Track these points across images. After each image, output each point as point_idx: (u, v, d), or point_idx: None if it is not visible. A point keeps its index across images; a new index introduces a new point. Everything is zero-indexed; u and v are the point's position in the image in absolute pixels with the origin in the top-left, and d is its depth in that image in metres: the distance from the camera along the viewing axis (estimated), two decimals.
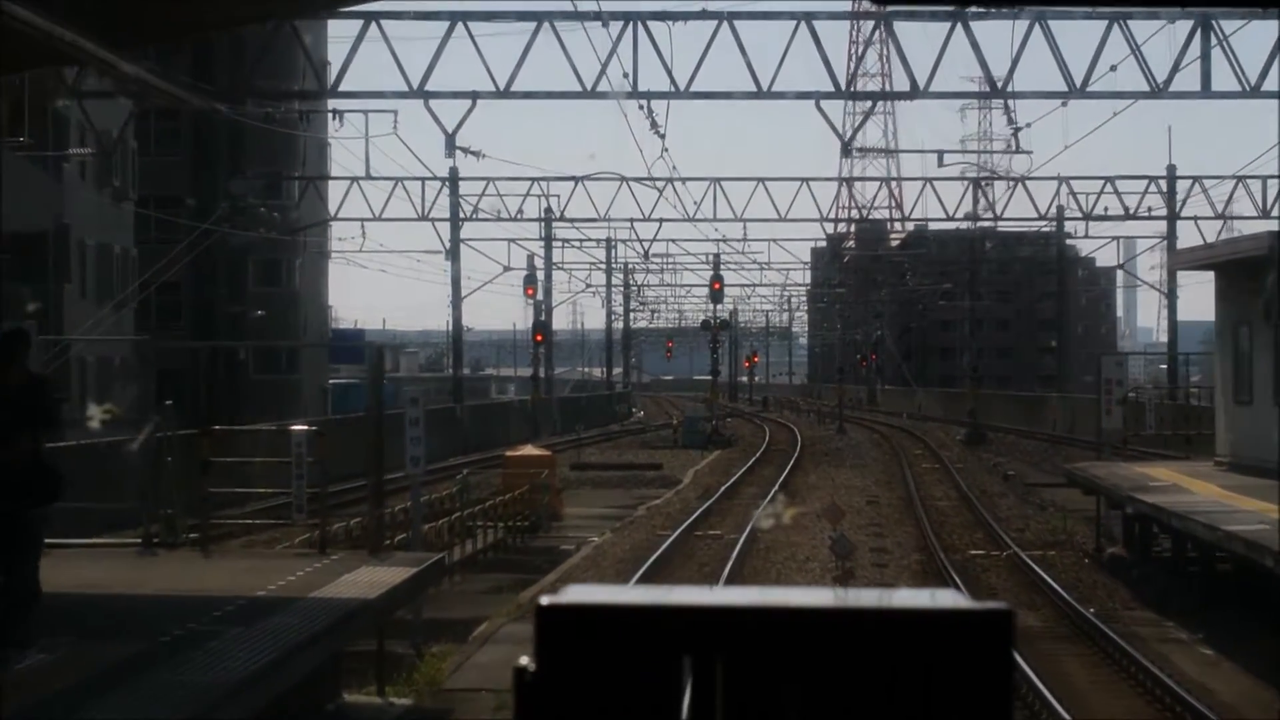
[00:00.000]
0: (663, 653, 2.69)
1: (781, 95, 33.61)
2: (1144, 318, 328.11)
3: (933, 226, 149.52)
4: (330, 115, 61.55)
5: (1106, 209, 66.97)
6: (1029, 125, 43.30)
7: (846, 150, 43.06)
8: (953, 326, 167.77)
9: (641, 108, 34.06)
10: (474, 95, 34.53)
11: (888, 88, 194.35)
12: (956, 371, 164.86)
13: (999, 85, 33.00)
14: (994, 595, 29.90)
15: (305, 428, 22.73)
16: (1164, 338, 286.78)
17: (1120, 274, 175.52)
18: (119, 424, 38.94)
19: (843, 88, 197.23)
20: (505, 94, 33.69)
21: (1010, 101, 35.83)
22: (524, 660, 2.70)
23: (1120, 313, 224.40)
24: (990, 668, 2.69)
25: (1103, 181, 64.99)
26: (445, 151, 35.75)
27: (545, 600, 2.74)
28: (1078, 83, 33.32)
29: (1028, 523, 43.13)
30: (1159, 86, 33.40)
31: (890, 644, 2.70)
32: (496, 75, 33.64)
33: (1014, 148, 40.93)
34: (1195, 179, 63.65)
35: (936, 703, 2.69)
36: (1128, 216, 66.96)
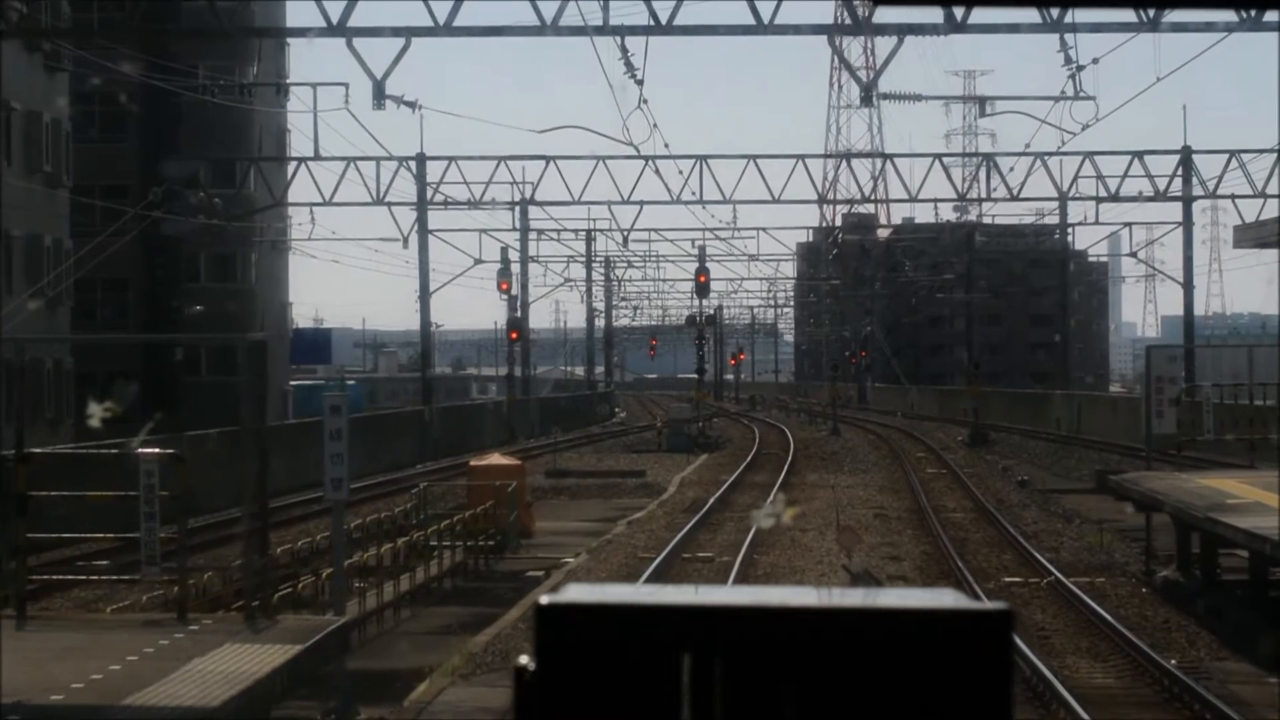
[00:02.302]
0: (662, 652, 2.67)
1: (787, 30, 28.07)
2: (1127, 313, 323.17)
3: (920, 219, 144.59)
4: (276, 90, 56.52)
5: (1117, 193, 61.45)
6: (1095, 62, 37.68)
7: (867, 99, 37.43)
8: (942, 322, 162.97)
9: (614, 36, 28.53)
10: (408, 33, 29.10)
11: (872, 45, 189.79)
12: (946, 369, 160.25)
13: (1055, 18, 27.58)
14: (1046, 638, 24.73)
15: (156, 450, 17.44)
16: (1150, 333, 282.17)
17: (1109, 267, 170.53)
18: None
19: (836, 66, 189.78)
20: (446, 30, 28.31)
21: (1067, 36, 30.61)
22: (524, 659, 2.69)
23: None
24: (990, 667, 2.66)
25: (1130, 157, 59.61)
26: (373, 101, 30.46)
27: (545, 599, 2.74)
28: (1150, 12, 27.93)
29: (1059, 539, 38.04)
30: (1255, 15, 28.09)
31: (890, 643, 2.67)
32: (435, 8, 28.12)
33: (1074, 92, 35.50)
34: (1232, 153, 58.37)
35: (936, 702, 2.65)
36: (1158, 197, 61.51)
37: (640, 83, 30.88)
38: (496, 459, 44.91)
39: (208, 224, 57.49)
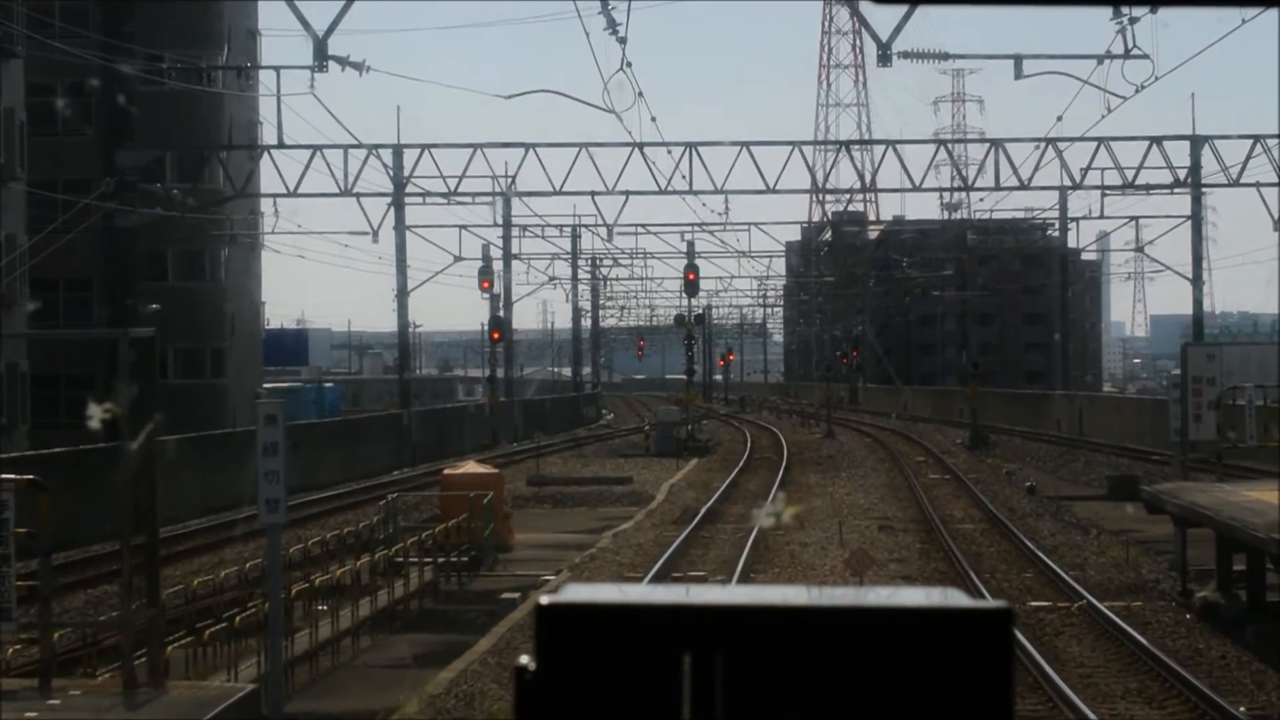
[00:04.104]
0: (663, 651, 2.68)
1: None
2: (1115, 312, 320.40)
3: (921, 211, 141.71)
4: (238, 74, 53.63)
5: (1134, 181, 58.19)
6: (1154, 10, 34.27)
7: (885, 58, 34.12)
8: (934, 321, 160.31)
9: None
10: None
11: (860, 43, 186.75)
12: (938, 369, 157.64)
13: None
14: (1089, 676, 21.69)
15: (12, 476, 14.36)
16: (1140, 332, 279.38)
17: (1100, 264, 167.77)
18: None
19: (824, 51, 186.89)
20: None
21: None
22: (524, 659, 2.68)
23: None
24: (990, 667, 2.67)
25: (1148, 142, 56.36)
26: (313, 62, 27.45)
27: (545, 599, 2.73)
28: None
29: (1081, 554, 35.04)
30: None
31: (890, 643, 2.69)
32: None
33: (1125, 49, 32.15)
34: (1256, 138, 55.10)
35: (937, 702, 2.67)
36: (1177, 185, 58.29)
37: (623, 41, 27.85)
38: (472, 467, 41.94)
39: (165, 216, 54.29)
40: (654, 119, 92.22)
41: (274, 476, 18.83)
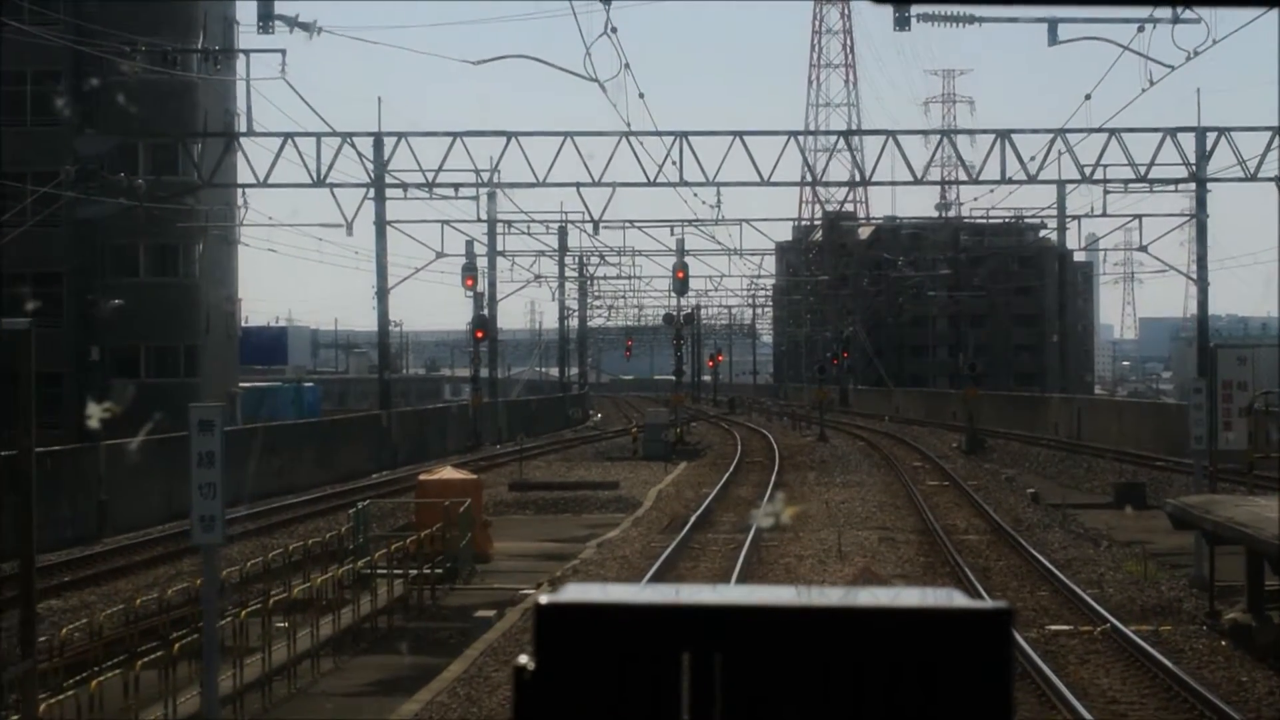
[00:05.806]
0: (662, 651, 2.66)
1: None
2: (1104, 315, 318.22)
3: (918, 204, 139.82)
4: (205, 57, 51.50)
5: (1148, 174, 55.95)
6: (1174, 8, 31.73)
7: (904, 21, 31.94)
8: (924, 323, 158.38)
9: None
10: None
11: (851, 43, 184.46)
12: (929, 370, 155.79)
13: None
14: (1123, 717, 19.51)
15: None
16: (1129, 335, 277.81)
17: (1092, 266, 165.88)
18: None
19: (814, 50, 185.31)
20: None
21: None
22: (523, 659, 2.65)
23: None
24: (990, 667, 2.64)
25: (1161, 134, 54.09)
26: (258, 24, 25.28)
27: (545, 599, 2.70)
28: None
29: (1097, 569, 32.91)
30: None
31: (890, 643, 2.66)
32: None
33: (1174, 13, 29.80)
34: (1276, 130, 52.83)
35: (936, 702, 2.64)
36: (1191, 179, 56.12)
37: (606, 2, 25.65)
38: (450, 472, 39.72)
39: (129, 207, 52.02)
40: (642, 95, 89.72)
41: (209, 490, 16.66)
